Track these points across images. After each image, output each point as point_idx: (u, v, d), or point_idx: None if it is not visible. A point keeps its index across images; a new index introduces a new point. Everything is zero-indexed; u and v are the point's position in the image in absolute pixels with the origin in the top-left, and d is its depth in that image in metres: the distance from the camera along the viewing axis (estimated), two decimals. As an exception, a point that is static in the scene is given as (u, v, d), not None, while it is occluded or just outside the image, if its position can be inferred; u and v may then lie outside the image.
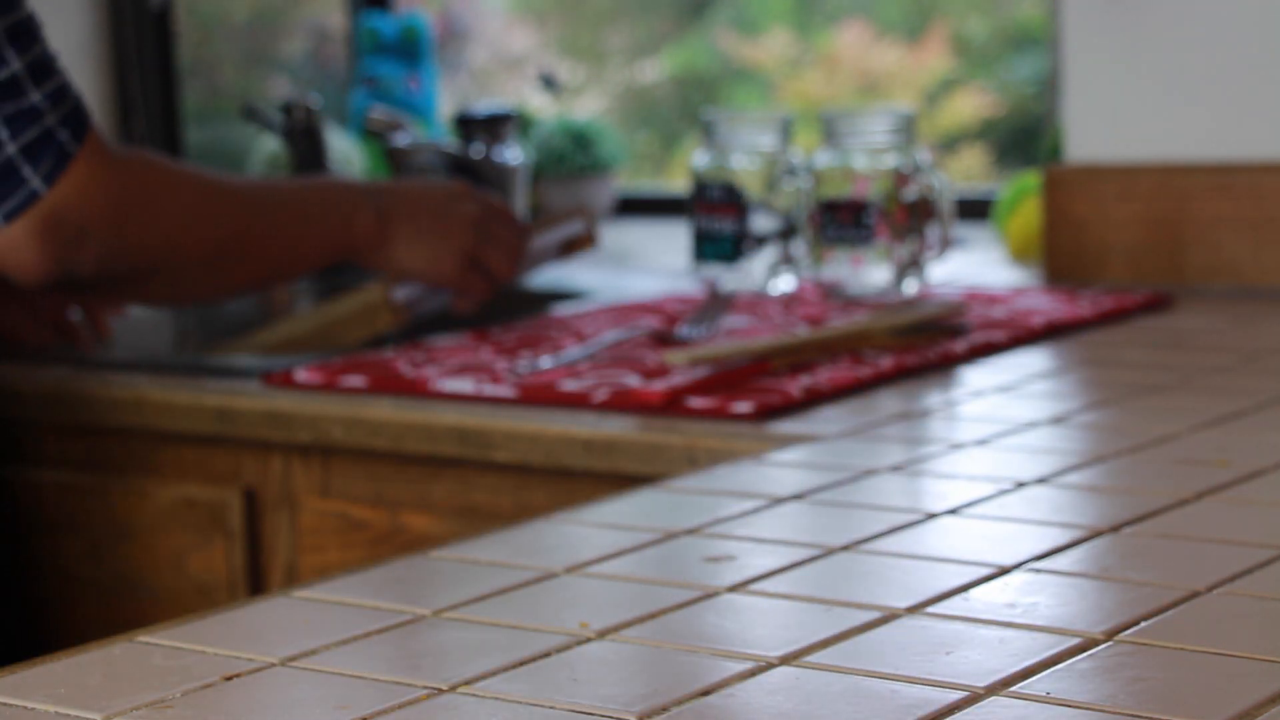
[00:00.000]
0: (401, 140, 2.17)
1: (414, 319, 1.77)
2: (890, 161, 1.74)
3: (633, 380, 1.38)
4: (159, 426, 1.52)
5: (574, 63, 3.13)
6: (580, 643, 0.77)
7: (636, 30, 3.18)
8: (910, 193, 1.74)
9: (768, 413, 1.27)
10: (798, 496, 1.02)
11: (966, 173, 2.86)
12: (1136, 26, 1.84)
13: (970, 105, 2.91)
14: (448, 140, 2.31)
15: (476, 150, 2.17)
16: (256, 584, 1.52)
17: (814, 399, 1.32)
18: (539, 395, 1.37)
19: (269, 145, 2.72)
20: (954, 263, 2.02)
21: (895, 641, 0.76)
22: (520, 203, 2.20)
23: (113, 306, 1.71)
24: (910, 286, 1.75)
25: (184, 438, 1.53)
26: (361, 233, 1.61)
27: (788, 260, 1.83)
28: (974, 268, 2.02)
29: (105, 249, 1.47)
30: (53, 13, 2.65)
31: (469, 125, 2.19)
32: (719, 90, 3.10)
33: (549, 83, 2.72)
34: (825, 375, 1.37)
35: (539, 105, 2.83)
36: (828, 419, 1.25)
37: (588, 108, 3.06)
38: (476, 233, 1.66)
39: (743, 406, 1.28)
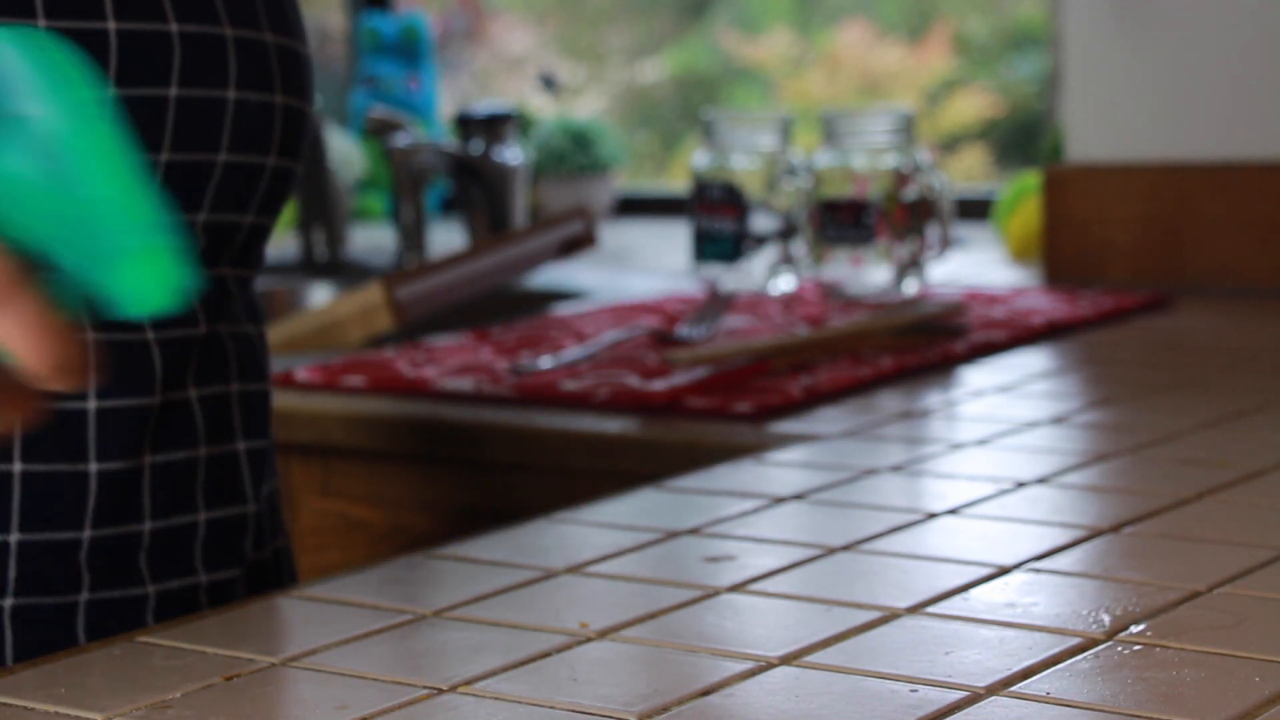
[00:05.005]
0: (401, 140, 2.17)
1: (414, 319, 1.77)
2: (890, 161, 1.74)
3: (633, 380, 1.38)
4: (159, 426, 1.52)
5: (574, 63, 3.13)
6: (580, 643, 0.77)
7: (636, 30, 3.18)
8: (910, 193, 1.74)
9: (768, 413, 1.27)
10: (798, 496, 1.02)
11: (966, 173, 2.86)
12: (1136, 26, 1.83)
13: (971, 105, 2.91)
14: (448, 140, 2.31)
15: (476, 150, 2.17)
16: (256, 584, 1.51)
17: (814, 399, 1.32)
18: (539, 395, 1.37)
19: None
20: (954, 263, 2.02)
21: (895, 641, 0.76)
22: (520, 203, 2.20)
23: None
24: (910, 286, 1.75)
25: (184, 438, 1.52)
26: None
27: (788, 260, 1.83)
28: (974, 268, 2.02)
29: None
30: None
31: (469, 125, 2.19)
32: (719, 90, 3.10)
33: (549, 83, 2.72)
34: (825, 375, 1.37)
35: (539, 105, 2.83)
36: (828, 419, 1.25)
37: (588, 108, 3.06)
38: None
39: (743, 406, 1.28)
